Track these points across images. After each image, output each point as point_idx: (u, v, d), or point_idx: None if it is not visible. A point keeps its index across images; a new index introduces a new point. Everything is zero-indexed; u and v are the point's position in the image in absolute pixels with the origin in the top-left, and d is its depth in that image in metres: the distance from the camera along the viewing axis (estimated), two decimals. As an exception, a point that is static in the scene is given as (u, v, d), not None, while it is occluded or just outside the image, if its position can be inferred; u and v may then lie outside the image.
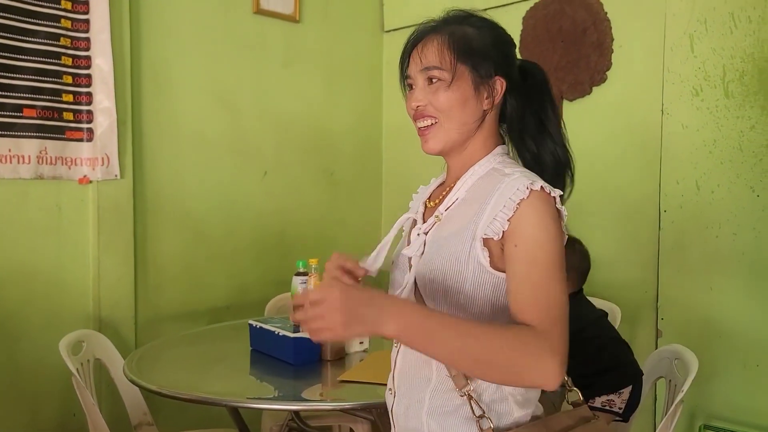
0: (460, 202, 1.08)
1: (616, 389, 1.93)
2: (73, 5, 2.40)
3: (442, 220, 1.08)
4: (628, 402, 1.92)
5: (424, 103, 1.08)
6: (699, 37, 2.46)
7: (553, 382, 0.87)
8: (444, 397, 1.04)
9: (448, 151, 1.11)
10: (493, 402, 1.03)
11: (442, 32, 1.11)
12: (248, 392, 1.77)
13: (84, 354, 2.06)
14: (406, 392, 1.08)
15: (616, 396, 1.93)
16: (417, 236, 1.10)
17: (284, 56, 3.07)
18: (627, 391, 1.93)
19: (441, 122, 1.08)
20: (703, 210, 2.46)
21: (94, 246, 2.45)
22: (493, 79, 1.10)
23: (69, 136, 2.41)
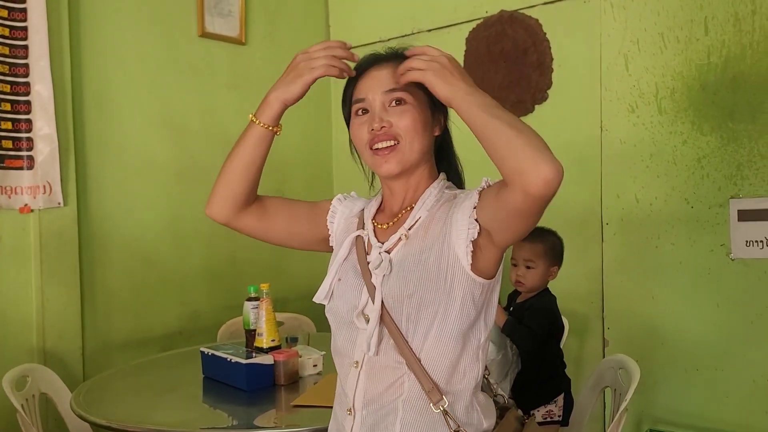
0: (424, 221, 1.11)
1: (552, 398, 2.01)
2: (11, 31, 2.35)
3: (409, 238, 1.10)
4: (564, 407, 2.00)
5: (389, 124, 1.10)
6: (633, 57, 2.57)
7: (546, 173, 0.91)
8: (417, 414, 1.05)
9: (403, 173, 1.13)
10: (467, 414, 1.06)
11: (398, 61, 1.12)
12: (201, 422, 1.75)
13: (29, 389, 2.00)
14: (374, 411, 1.08)
15: (554, 405, 2.01)
16: (379, 254, 1.11)
17: (231, 78, 3.07)
18: (561, 398, 2.01)
19: (402, 144, 1.10)
20: (642, 222, 2.56)
21: (37, 276, 2.38)
22: (442, 108, 1.15)
23: (8, 164, 2.35)
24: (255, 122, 1.17)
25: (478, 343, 1.09)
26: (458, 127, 1.15)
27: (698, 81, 2.42)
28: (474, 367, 1.08)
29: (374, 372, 1.08)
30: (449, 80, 1.00)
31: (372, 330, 1.05)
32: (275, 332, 1.97)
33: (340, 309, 1.13)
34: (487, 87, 2.92)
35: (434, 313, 1.04)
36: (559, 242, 2.17)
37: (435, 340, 1.04)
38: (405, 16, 3.23)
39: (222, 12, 3.06)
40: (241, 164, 1.18)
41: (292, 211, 1.26)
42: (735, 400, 2.37)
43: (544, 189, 0.90)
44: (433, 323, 1.04)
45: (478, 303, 1.06)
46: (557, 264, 2.13)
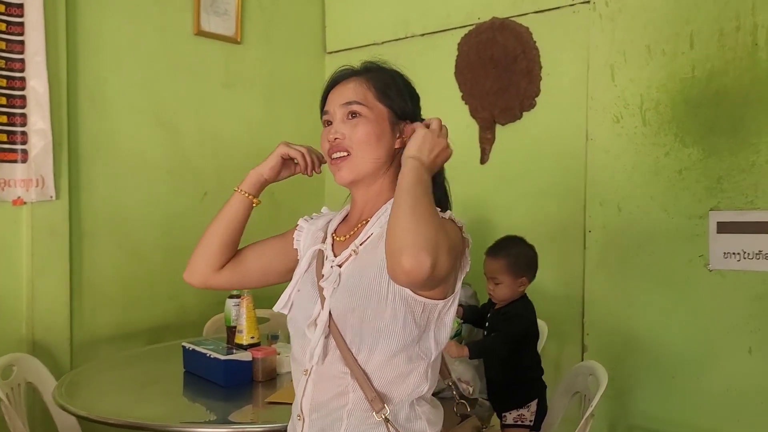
0: (374, 238, 1.15)
1: (526, 402, 2.05)
2: (8, 26, 2.39)
3: (359, 254, 1.14)
4: (537, 413, 2.04)
5: (342, 136, 1.16)
6: (619, 68, 2.61)
7: (409, 264, 0.93)
8: (361, 422, 1.10)
9: (358, 182, 1.19)
10: (408, 422, 1.10)
11: (363, 75, 1.20)
12: (179, 416, 1.79)
13: (14, 378, 2.05)
14: (321, 417, 1.13)
15: (526, 410, 2.05)
16: (330, 268, 1.15)
17: (225, 77, 3.11)
18: (534, 404, 2.05)
19: (354, 155, 1.16)
20: (624, 231, 2.61)
21: (28, 268, 2.43)
22: (405, 121, 1.19)
23: (2, 157, 2.40)
24: (236, 190, 1.29)
25: (428, 361, 1.12)
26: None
27: (682, 94, 2.46)
28: (422, 383, 1.12)
29: (321, 380, 1.13)
30: (425, 143, 1.09)
31: (316, 340, 1.10)
32: (255, 330, 2.01)
33: (297, 318, 1.18)
34: (477, 92, 2.97)
35: (377, 329, 1.08)
36: (525, 253, 2.17)
37: (381, 354, 1.08)
38: (399, 20, 3.27)
39: (218, 11, 3.10)
40: (221, 228, 1.28)
41: (264, 252, 1.32)
42: (709, 409, 2.41)
43: (403, 278, 0.94)
44: (378, 338, 1.08)
45: (420, 321, 1.08)
46: (525, 275, 2.14)
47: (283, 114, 3.38)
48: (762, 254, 2.28)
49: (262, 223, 3.20)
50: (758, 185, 2.29)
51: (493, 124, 2.95)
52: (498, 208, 2.94)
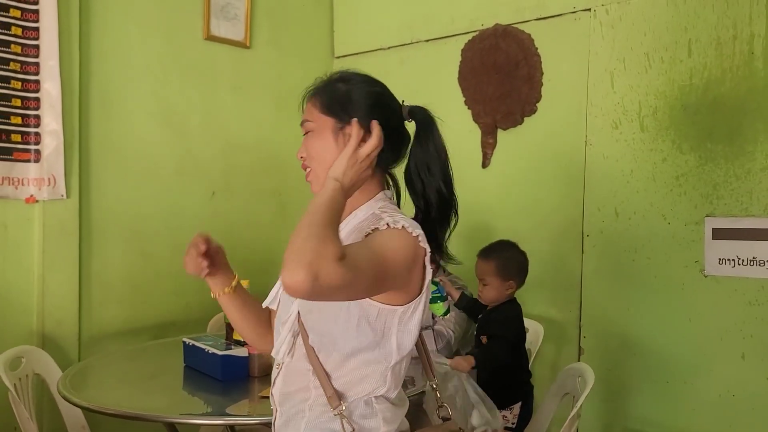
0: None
1: (508, 404, 2.08)
2: (23, 31, 2.48)
3: None
4: (520, 416, 2.07)
5: (303, 153, 1.23)
6: (618, 75, 2.64)
7: (287, 279, 0.93)
8: (320, 414, 1.16)
9: None
10: (363, 418, 1.15)
11: (313, 92, 1.24)
12: (178, 408, 1.86)
13: (23, 369, 2.13)
14: (287, 409, 1.20)
15: (508, 412, 2.08)
16: None
17: (234, 81, 3.19)
18: (518, 406, 2.08)
19: (313, 169, 1.22)
20: (621, 235, 2.64)
21: (39, 264, 2.52)
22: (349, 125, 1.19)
23: (16, 157, 2.48)
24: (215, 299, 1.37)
25: (388, 365, 1.15)
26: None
27: (680, 101, 2.49)
28: (380, 385, 1.16)
29: (289, 374, 1.21)
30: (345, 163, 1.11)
31: (284, 337, 1.18)
32: (253, 326, 2.07)
33: (280, 315, 1.25)
34: (480, 98, 3.02)
35: (333, 331, 1.13)
36: (514, 258, 2.20)
37: (338, 355, 1.14)
38: (404, 26, 3.32)
39: (228, 16, 3.18)
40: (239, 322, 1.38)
41: None
42: (701, 413, 2.44)
43: (289, 290, 0.94)
44: (334, 340, 1.13)
45: (377, 326, 1.11)
46: (513, 279, 2.16)
47: (291, 117, 3.41)
48: (756, 261, 2.30)
49: (269, 225, 3.31)
50: (753, 192, 2.31)
51: (495, 129, 3.00)
52: (499, 211, 2.98)
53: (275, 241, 3.33)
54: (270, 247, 3.31)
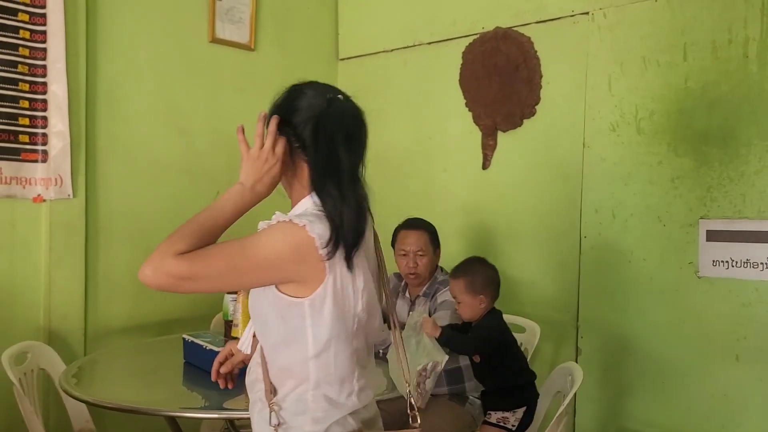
0: None
1: (513, 407, 2.11)
2: (31, 34, 2.55)
3: None
4: (521, 421, 2.10)
5: None
6: (616, 78, 2.67)
7: (142, 271, 1.16)
8: (263, 407, 1.23)
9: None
10: (292, 414, 1.20)
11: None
12: (177, 402, 1.92)
13: (28, 364, 2.19)
14: (252, 397, 1.30)
15: (511, 414, 2.11)
16: None
17: (238, 82, 3.24)
18: (521, 411, 2.11)
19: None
20: (618, 237, 2.66)
21: (45, 261, 2.58)
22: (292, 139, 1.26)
23: (24, 157, 2.55)
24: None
25: (305, 357, 1.18)
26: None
27: (676, 104, 2.51)
28: (304, 379, 1.20)
29: (251, 365, 1.31)
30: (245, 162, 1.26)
31: (246, 332, 1.33)
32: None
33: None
34: (481, 100, 3.05)
35: (261, 323, 1.23)
36: (482, 273, 2.19)
37: (270, 345, 1.23)
38: (407, 28, 3.36)
39: (233, 19, 3.24)
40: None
41: None
42: (696, 414, 2.46)
43: (141, 280, 1.15)
44: (264, 332, 1.23)
45: (289, 317, 1.17)
46: (482, 294, 2.16)
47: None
48: (749, 263, 2.32)
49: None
50: (746, 195, 2.33)
51: (495, 130, 3.03)
52: (498, 212, 3.02)
53: (278, 240, 3.37)
54: (273, 246, 3.36)
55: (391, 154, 3.31)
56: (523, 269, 2.91)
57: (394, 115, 3.43)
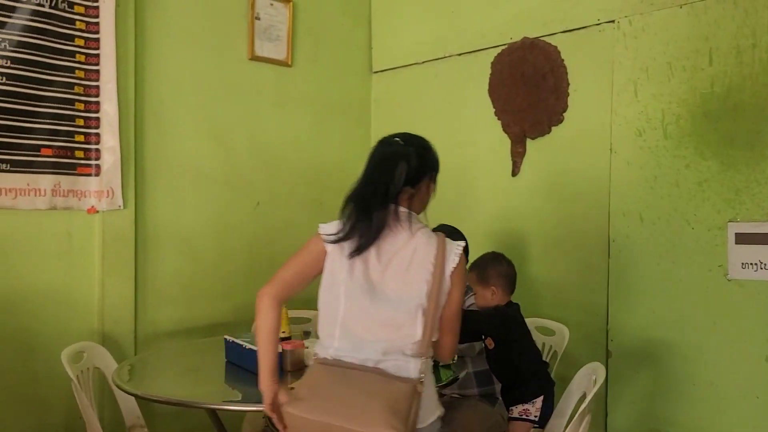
0: None
1: (530, 398, 2.18)
2: (87, 58, 2.75)
3: None
4: (542, 410, 2.17)
5: None
6: (642, 84, 2.71)
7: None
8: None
9: None
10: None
11: None
12: (220, 396, 2.05)
13: (84, 363, 2.37)
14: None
15: (531, 405, 2.17)
16: None
17: (276, 97, 3.40)
18: (540, 400, 2.17)
19: None
20: (646, 240, 2.70)
21: (99, 269, 2.77)
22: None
23: (80, 171, 2.75)
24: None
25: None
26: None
27: (702, 108, 2.54)
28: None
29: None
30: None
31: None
32: (287, 325, 2.25)
33: None
34: (509, 108, 3.13)
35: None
36: (491, 266, 2.29)
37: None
38: (438, 40, 3.47)
39: (271, 37, 3.40)
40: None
41: None
42: (727, 415, 2.47)
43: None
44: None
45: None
46: (492, 285, 2.26)
47: (330, 130, 3.64)
48: (778, 264, 2.33)
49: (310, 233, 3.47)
50: (773, 197, 2.35)
51: (523, 138, 3.10)
52: (528, 218, 3.08)
53: (316, 247, 3.51)
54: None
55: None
56: (552, 273, 2.96)
57: (425, 125, 3.53)
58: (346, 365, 1.58)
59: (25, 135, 2.59)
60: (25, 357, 2.59)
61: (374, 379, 1.53)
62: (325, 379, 1.56)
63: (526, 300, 2.79)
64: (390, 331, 1.56)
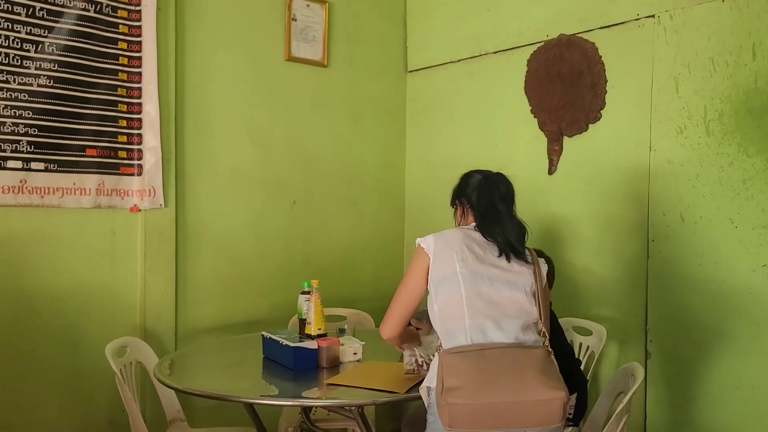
0: None
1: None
2: (129, 60, 2.83)
3: None
4: (576, 408, 2.14)
5: None
6: (683, 80, 2.66)
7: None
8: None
9: None
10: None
11: None
12: (257, 391, 2.09)
13: (127, 357, 2.43)
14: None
15: (564, 403, 2.15)
16: None
17: (313, 98, 3.44)
18: (573, 397, 2.15)
19: None
20: (687, 240, 2.64)
21: (141, 266, 2.84)
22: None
23: (123, 171, 2.83)
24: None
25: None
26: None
27: (745, 105, 2.48)
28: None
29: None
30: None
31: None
32: (322, 322, 2.28)
33: None
34: (545, 106, 3.10)
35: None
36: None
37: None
38: (474, 38, 3.46)
39: (307, 38, 3.44)
40: None
41: None
42: (771, 420, 2.40)
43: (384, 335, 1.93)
44: None
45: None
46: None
47: (366, 130, 3.66)
48: (826, 264, 2.25)
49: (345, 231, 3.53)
50: (821, 195, 2.27)
51: (560, 136, 3.07)
52: (564, 217, 3.05)
53: (350, 246, 3.55)
54: (345, 252, 3.53)
55: (459, 162, 3.39)
56: (589, 273, 2.92)
57: (461, 124, 3.53)
58: (478, 347, 1.69)
59: (71, 136, 2.68)
60: (71, 352, 2.68)
61: (511, 352, 1.65)
62: (468, 365, 1.63)
63: (562, 299, 2.78)
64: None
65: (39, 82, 2.58)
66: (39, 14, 2.58)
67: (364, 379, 1.98)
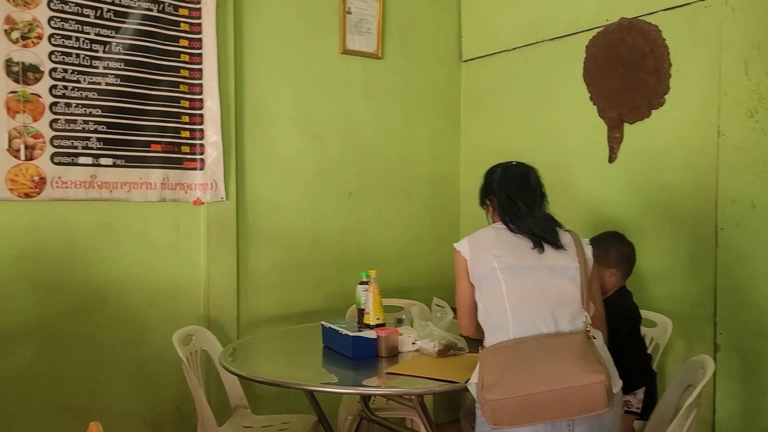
0: None
1: (631, 389, 2.10)
2: (190, 57, 2.91)
3: None
4: (644, 402, 2.08)
5: None
6: (753, 61, 2.54)
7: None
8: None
9: None
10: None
11: None
12: (318, 378, 2.13)
13: (192, 345, 2.51)
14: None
15: (632, 396, 2.09)
16: None
17: (366, 90, 3.45)
18: (641, 391, 2.09)
19: None
20: (759, 228, 2.53)
21: (204, 257, 2.93)
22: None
23: (186, 165, 2.91)
24: None
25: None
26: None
27: (822, 85, 2.35)
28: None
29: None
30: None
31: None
32: (381, 312, 2.29)
33: None
34: (605, 93, 3.03)
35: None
36: (613, 246, 2.24)
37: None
38: (529, 26, 3.40)
39: (362, 30, 3.45)
40: None
41: None
42: None
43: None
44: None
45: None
46: (614, 267, 2.21)
47: (419, 121, 3.66)
48: None
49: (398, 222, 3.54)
50: None
51: (621, 123, 2.99)
52: (626, 205, 2.97)
53: (402, 237, 3.56)
54: (397, 242, 3.55)
55: (514, 152, 3.34)
56: (654, 263, 2.84)
57: (517, 113, 3.48)
58: (516, 341, 1.68)
59: (136, 132, 2.77)
60: (138, 341, 2.79)
61: (548, 340, 1.63)
62: (504, 359, 1.63)
63: (625, 290, 2.71)
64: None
65: (107, 81, 2.68)
66: (107, 15, 2.67)
67: (423, 368, 1.98)
